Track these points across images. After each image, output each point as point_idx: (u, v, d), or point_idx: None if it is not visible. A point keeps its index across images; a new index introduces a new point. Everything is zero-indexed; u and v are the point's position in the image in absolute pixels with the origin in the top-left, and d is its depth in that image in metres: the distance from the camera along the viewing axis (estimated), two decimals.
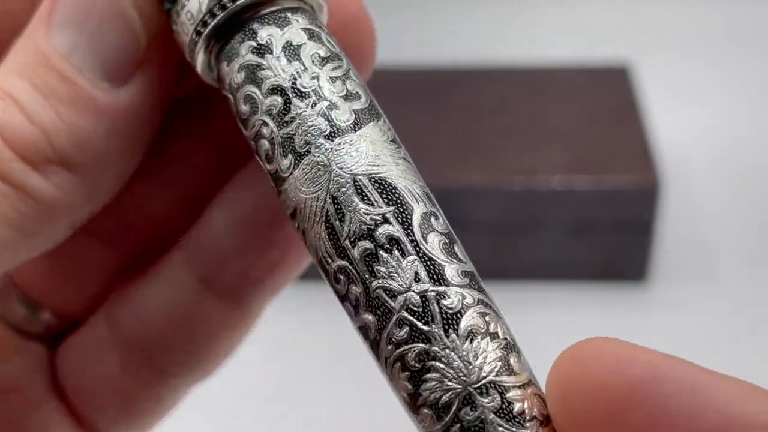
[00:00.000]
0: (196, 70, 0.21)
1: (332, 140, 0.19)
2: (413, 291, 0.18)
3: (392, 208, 0.19)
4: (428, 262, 0.18)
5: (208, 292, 0.25)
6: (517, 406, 0.17)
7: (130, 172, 0.23)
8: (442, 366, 0.18)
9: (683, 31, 0.83)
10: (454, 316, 0.18)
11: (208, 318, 0.25)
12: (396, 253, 0.18)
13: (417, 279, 0.18)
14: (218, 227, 0.25)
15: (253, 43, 0.20)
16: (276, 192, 0.20)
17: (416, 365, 0.18)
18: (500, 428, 0.17)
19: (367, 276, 0.18)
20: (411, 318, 0.18)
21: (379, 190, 0.19)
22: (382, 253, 0.18)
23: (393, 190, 0.19)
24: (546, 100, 0.65)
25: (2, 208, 0.20)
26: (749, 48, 0.81)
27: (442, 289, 0.18)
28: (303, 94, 0.20)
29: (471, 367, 0.17)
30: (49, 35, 0.21)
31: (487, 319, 0.18)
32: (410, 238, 0.18)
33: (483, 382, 0.17)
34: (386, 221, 0.18)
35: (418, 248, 0.18)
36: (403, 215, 0.19)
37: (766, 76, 0.78)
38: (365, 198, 0.19)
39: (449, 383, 0.17)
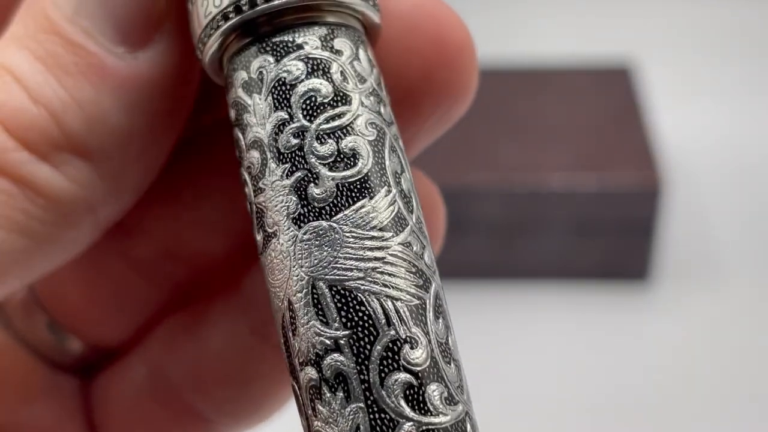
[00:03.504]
0: (203, 64, 0.17)
1: (300, 226, 0.15)
2: None
3: (348, 332, 0.14)
4: (377, 415, 0.14)
5: (263, 344, 0.22)
6: None
7: (160, 161, 0.19)
8: None
9: (686, 31, 0.83)
10: None
11: (262, 371, 0.22)
12: (340, 394, 0.14)
13: None
14: None
15: (245, 76, 0.16)
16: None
17: None
18: None
19: (309, 412, 0.14)
20: None
21: (340, 305, 0.14)
22: (325, 390, 0.14)
23: (358, 306, 0.14)
24: (548, 101, 0.65)
25: (5, 211, 0.17)
26: (752, 48, 0.81)
27: None
28: (281, 157, 0.15)
29: None
30: None
31: None
32: (362, 377, 0.14)
33: None
34: (337, 349, 0.14)
35: (368, 393, 0.14)
36: (361, 344, 0.14)
37: None
38: (320, 312, 0.14)
39: None
